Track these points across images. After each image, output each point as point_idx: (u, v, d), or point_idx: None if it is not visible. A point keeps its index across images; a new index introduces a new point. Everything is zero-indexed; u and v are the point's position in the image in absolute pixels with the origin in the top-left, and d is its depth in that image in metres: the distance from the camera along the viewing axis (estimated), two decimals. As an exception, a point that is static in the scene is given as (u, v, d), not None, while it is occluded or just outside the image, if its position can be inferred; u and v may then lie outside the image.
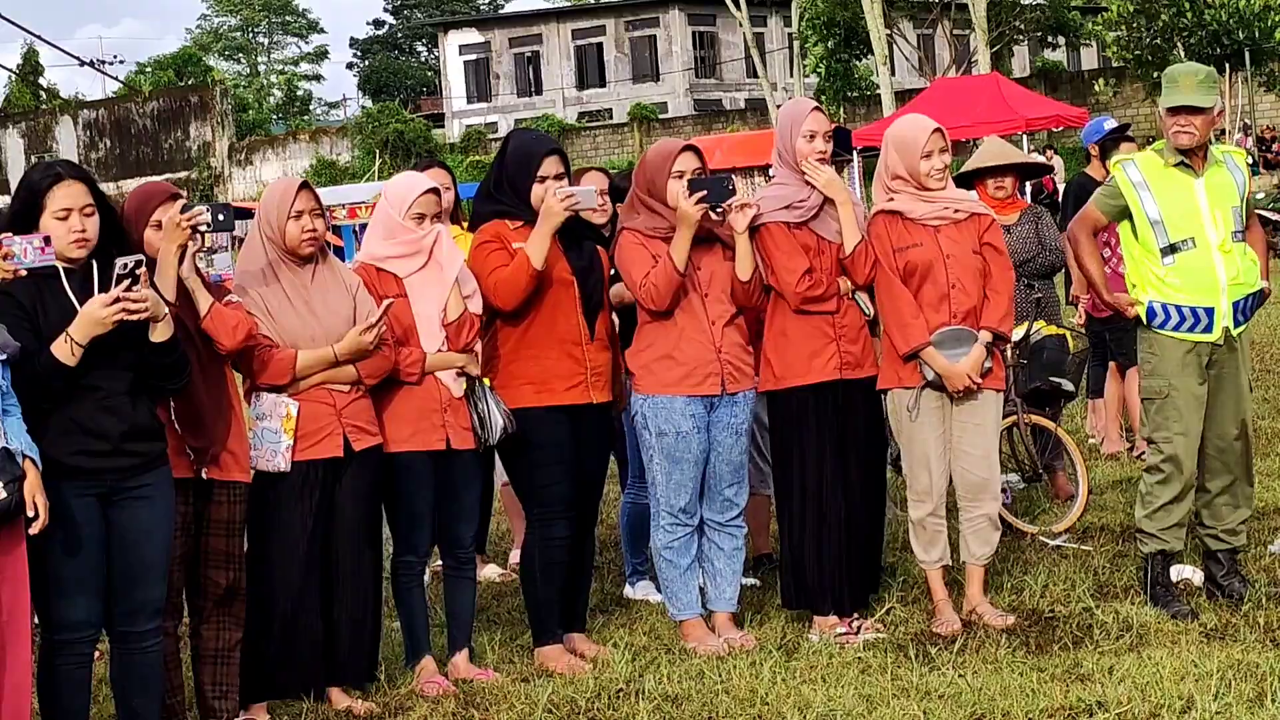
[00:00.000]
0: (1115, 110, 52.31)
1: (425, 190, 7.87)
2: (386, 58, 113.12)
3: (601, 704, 7.42)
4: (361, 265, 7.89)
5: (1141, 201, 8.21)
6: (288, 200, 7.48)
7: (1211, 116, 8.20)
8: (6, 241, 6.27)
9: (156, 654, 6.83)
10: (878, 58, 52.11)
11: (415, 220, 7.81)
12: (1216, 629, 7.90)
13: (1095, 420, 13.23)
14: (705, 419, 8.14)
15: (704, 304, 8.11)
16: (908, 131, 8.34)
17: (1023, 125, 38.32)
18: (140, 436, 6.57)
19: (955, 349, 8.16)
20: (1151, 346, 8.31)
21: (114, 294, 6.27)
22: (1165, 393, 8.24)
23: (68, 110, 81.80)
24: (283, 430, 7.43)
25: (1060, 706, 6.95)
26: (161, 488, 6.69)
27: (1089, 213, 8.45)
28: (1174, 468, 8.24)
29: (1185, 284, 8.14)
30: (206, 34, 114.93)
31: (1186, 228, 8.16)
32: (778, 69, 75.71)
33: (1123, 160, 8.46)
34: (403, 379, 7.77)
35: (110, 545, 6.53)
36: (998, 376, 8.39)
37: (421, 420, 7.81)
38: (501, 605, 9.38)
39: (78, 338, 6.27)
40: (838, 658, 7.83)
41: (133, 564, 6.59)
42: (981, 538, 8.42)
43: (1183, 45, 48.16)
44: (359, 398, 7.61)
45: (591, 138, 68.67)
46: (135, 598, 6.65)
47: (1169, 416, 8.24)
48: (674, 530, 8.23)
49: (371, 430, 7.66)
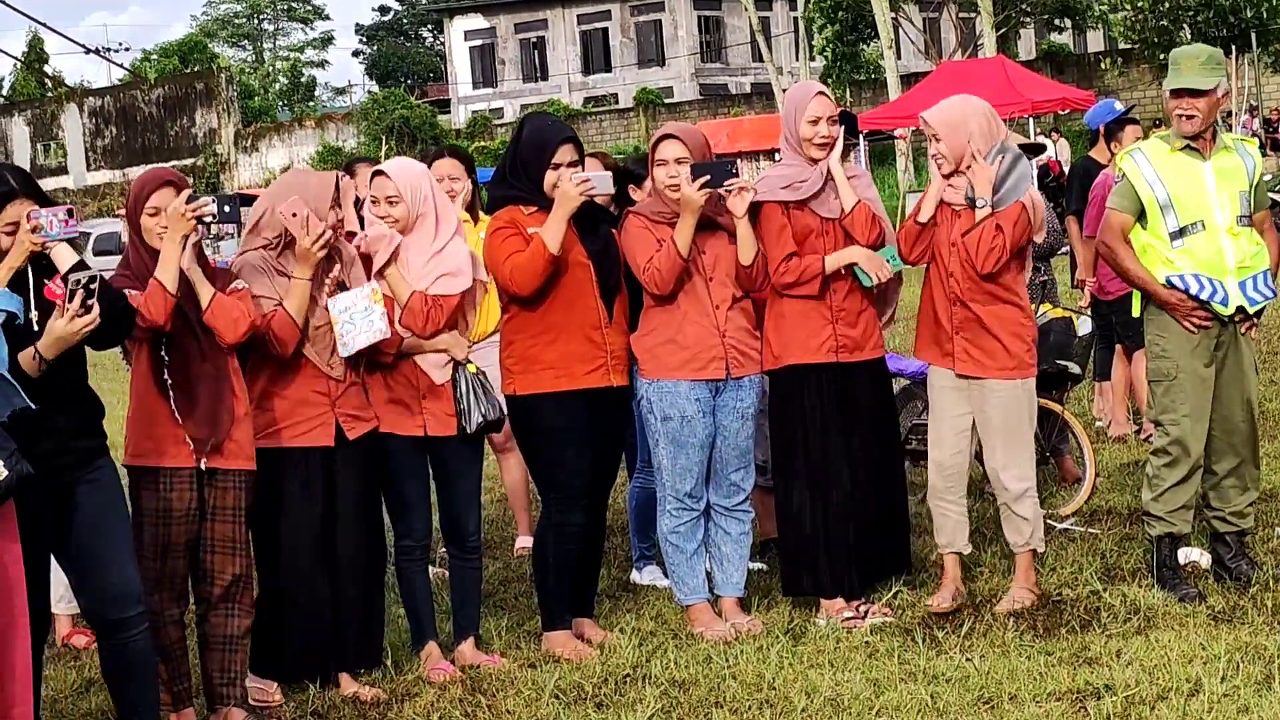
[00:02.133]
0: (1122, 93, 52.27)
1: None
2: (392, 44, 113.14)
3: (608, 689, 7.42)
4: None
5: (1151, 187, 8.19)
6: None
7: (1215, 98, 8.17)
8: (34, 215, 6.36)
9: (144, 640, 6.85)
10: (884, 41, 52.04)
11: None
12: (1224, 612, 7.89)
13: (1102, 403, 13.23)
14: (710, 403, 8.14)
15: (708, 288, 8.11)
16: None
17: (1029, 108, 38.30)
18: (83, 429, 6.62)
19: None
20: (1160, 329, 8.29)
21: (75, 308, 6.26)
22: (1173, 374, 8.23)
23: (73, 98, 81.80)
24: (373, 303, 7.49)
25: (1068, 690, 6.95)
26: (107, 473, 6.73)
27: (1113, 220, 8.33)
28: (1181, 450, 8.23)
29: (1194, 265, 8.12)
30: (212, 21, 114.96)
31: (1195, 211, 8.14)
32: (783, 53, 75.57)
33: (1129, 151, 8.43)
34: (380, 360, 7.76)
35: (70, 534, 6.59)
36: (1003, 365, 8.27)
37: (398, 405, 7.83)
38: (508, 591, 9.39)
39: (47, 355, 6.29)
40: (845, 642, 7.82)
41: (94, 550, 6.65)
42: (1011, 526, 8.40)
43: (1189, 26, 48.09)
44: (351, 385, 7.63)
45: (597, 123, 68.62)
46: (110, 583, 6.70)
47: (1176, 398, 8.23)
48: (680, 515, 8.23)
49: (365, 417, 7.68)
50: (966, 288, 8.19)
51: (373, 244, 7.77)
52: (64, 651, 8.80)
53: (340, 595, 7.66)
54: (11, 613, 6.20)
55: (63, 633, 8.95)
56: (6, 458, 6.07)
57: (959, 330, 8.25)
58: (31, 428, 6.24)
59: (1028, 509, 8.34)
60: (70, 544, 6.62)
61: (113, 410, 8.79)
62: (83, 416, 6.63)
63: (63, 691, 8.08)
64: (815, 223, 8.22)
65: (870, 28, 55.42)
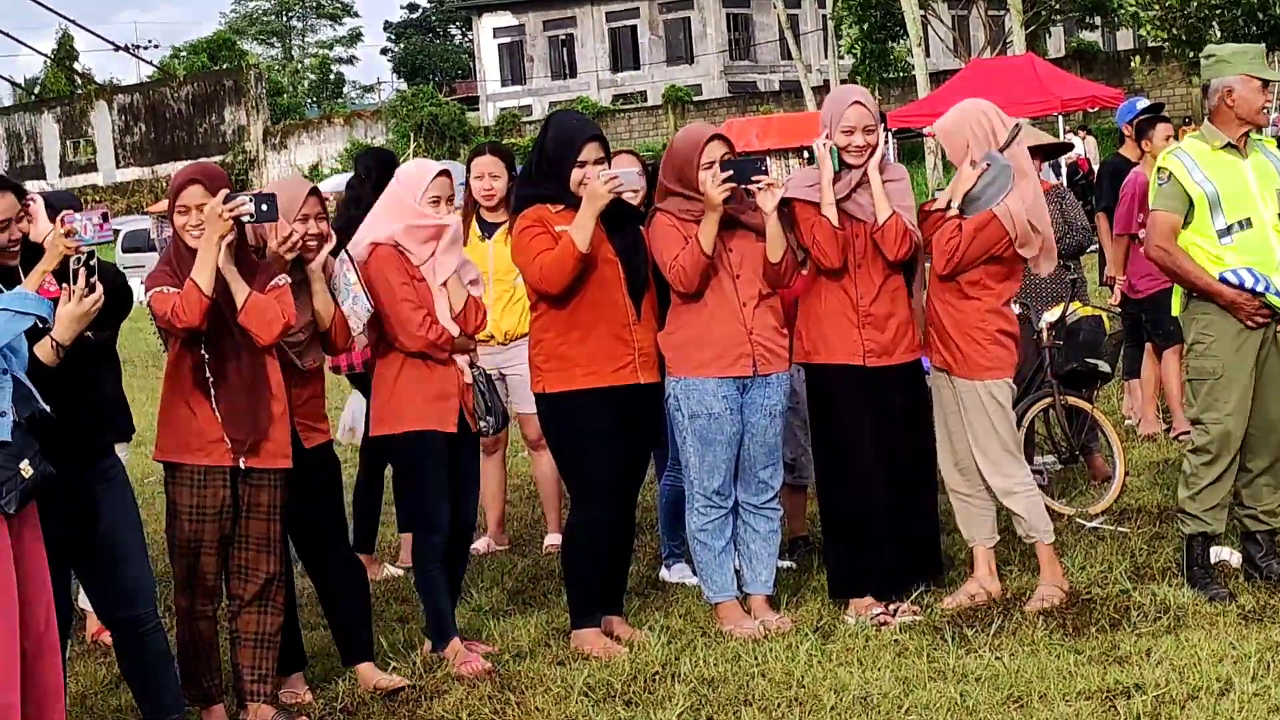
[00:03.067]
0: (1151, 91, 52.12)
1: (438, 174, 7.92)
2: (421, 41, 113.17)
3: (637, 687, 7.42)
4: (379, 246, 7.89)
5: (1199, 184, 8.15)
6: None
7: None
8: (69, 219, 6.40)
9: (160, 637, 6.88)
10: (913, 39, 51.88)
11: (431, 204, 7.85)
12: (1254, 611, 7.87)
13: (1131, 401, 13.20)
14: (738, 401, 8.14)
15: (735, 285, 8.10)
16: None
17: (1058, 106, 38.22)
18: (92, 429, 6.65)
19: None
20: (1205, 327, 8.24)
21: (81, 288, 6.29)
22: (1218, 372, 8.17)
23: (103, 95, 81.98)
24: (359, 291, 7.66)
25: (1097, 689, 6.93)
26: (119, 472, 6.78)
27: (1163, 222, 8.25)
28: (1222, 448, 8.18)
29: (1242, 262, 8.08)
30: (241, 18, 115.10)
31: (1242, 208, 8.13)
32: (812, 51, 75.49)
33: (1172, 150, 8.38)
34: (434, 354, 7.84)
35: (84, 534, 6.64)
36: (964, 366, 8.28)
37: (442, 401, 7.89)
38: (538, 588, 9.39)
39: (63, 340, 6.30)
40: (874, 640, 7.82)
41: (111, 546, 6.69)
42: (1014, 521, 8.41)
43: (1219, 24, 47.89)
44: (313, 398, 7.66)
45: (626, 120, 68.56)
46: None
47: (1220, 396, 8.17)
48: (708, 513, 8.23)
49: (322, 429, 7.72)
50: (935, 287, 8.31)
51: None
52: (93, 648, 8.83)
53: (331, 593, 7.84)
54: (40, 613, 6.22)
55: (92, 630, 8.97)
56: (31, 457, 6.09)
57: (930, 324, 8.40)
58: (44, 428, 6.26)
59: (1019, 505, 8.33)
60: (84, 543, 6.64)
61: (142, 407, 8.85)
62: (94, 416, 6.64)
63: (93, 688, 8.11)
64: (845, 222, 8.21)
65: (899, 25, 55.25)
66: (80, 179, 76.75)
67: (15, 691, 6.08)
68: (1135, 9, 50.39)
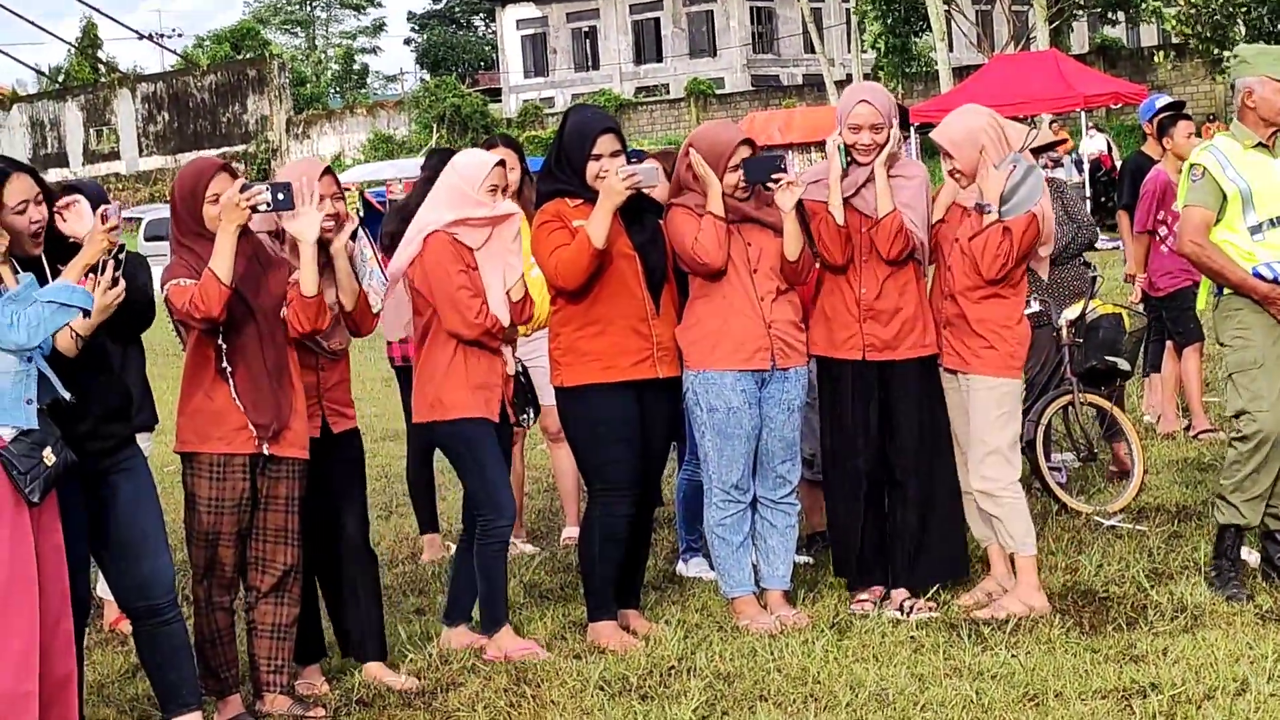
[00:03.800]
0: (1174, 88, 51.93)
1: (496, 163, 7.96)
2: (444, 32, 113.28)
3: (653, 681, 7.43)
4: (433, 234, 7.90)
5: (1233, 181, 8.14)
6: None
7: None
8: (109, 212, 6.46)
9: (179, 626, 6.90)
10: (936, 34, 51.88)
11: (489, 193, 7.87)
12: (1272, 611, 7.86)
13: (1151, 398, 13.18)
14: (756, 394, 8.14)
15: (753, 280, 8.11)
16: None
17: (1081, 102, 38.10)
18: (114, 418, 6.66)
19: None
20: (1241, 321, 8.22)
21: (109, 279, 6.33)
22: (1260, 361, 8.14)
23: (126, 84, 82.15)
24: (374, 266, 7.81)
25: (1114, 688, 6.93)
26: (139, 461, 6.80)
27: (1196, 217, 8.23)
28: (1266, 436, 8.14)
29: (1274, 257, 8.07)
30: (265, 8, 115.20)
31: (1273, 206, 8.13)
32: (835, 44, 75.47)
33: (1205, 147, 8.36)
34: (488, 343, 7.88)
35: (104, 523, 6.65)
36: (986, 362, 8.25)
37: (487, 390, 7.92)
38: (554, 581, 9.40)
39: (83, 332, 6.33)
40: (890, 636, 7.82)
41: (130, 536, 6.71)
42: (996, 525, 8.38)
43: (1244, 22, 47.76)
44: (340, 382, 7.68)
45: (649, 113, 68.55)
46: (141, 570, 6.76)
47: (1263, 386, 8.11)
48: (726, 507, 8.23)
49: (349, 414, 7.74)
50: (961, 285, 8.23)
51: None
52: (111, 636, 8.85)
53: (343, 587, 7.80)
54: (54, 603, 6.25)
55: (111, 618, 9.00)
56: (54, 443, 6.12)
57: (948, 324, 8.32)
58: (66, 417, 6.28)
59: (1001, 510, 8.26)
60: (104, 532, 6.66)
61: (163, 396, 8.86)
62: (114, 405, 6.65)
63: (110, 677, 8.14)
64: (854, 219, 8.22)
65: (922, 20, 55.24)
66: (103, 167, 76.93)
67: (34, 680, 6.11)
68: (1159, 4, 50.30)
